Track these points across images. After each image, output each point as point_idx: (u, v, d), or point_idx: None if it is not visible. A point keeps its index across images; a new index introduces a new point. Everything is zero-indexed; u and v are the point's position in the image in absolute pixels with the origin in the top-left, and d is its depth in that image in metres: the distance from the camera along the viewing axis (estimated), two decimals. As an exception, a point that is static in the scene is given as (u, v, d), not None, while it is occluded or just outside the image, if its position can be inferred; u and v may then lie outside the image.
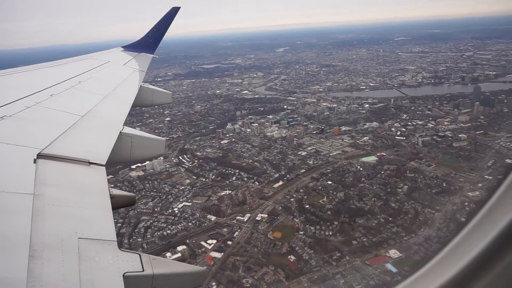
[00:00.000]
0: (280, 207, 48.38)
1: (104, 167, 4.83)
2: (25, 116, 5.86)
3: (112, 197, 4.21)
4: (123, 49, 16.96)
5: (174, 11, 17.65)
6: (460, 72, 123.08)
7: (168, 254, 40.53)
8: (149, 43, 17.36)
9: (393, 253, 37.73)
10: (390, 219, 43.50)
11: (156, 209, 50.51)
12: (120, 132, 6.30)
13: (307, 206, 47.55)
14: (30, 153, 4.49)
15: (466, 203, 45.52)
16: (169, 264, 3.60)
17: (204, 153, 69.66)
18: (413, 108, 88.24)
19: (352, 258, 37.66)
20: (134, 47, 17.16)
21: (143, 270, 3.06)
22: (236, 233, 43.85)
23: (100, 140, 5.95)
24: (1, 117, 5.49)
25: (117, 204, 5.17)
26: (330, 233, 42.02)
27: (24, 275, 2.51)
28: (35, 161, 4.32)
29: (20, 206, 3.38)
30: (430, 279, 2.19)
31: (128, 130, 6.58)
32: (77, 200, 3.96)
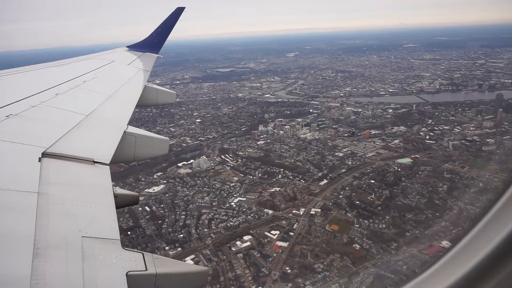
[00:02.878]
0: (331, 203, 52.31)
1: (108, 166, 4.94)
2: (30, 115, 5.93)
3: (116, 196, 4.30)
4: (127, 49, 17.22)
5: (178, 11, 17.87)
6: (476, 79, 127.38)
7: (238, 243, 44.51)
8: (154, 43, 17.56)
9: (446, 244, 41.58)
10: (437, 214, 47.47)
11: (213, 203, 54.43)
12: (124, 132, 6.40)
13: (357, 202, 51.54)
14: (35, 152, 4.53)
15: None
16: (172, 263, 3.62)
17: (246, 153, 73.66)
18: (436, 113, 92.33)
19: (409, 248, 41.59)
20: (139, 47, 17.36)
21: (146, 269, 3.09)
22: (295, 225, 47.73)
23: (104, 139, 6.03)
24: (7, 116, 5.53)
25: (121, 203, 5.25)
26: (384, 226, 45.96)
27: (28, 273, 2.52)
28: (40, 160, 4.35)
29: (25, 205, 3.40)
30: (437, 280, 2.23)
31: (132, 129, 6.68)
32: (81, 199, 3.99)
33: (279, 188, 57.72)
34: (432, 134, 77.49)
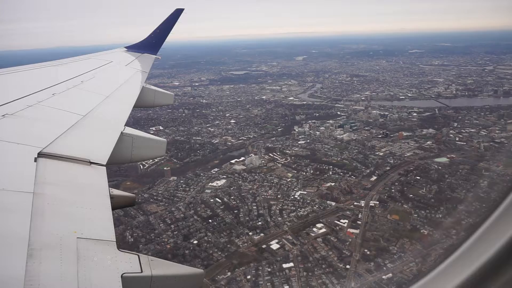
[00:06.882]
0: (385, 196, 58.16)
1: (104, 167, 4.96)
2: (27, 114, 5.92)
3: (112, 197, 4.34)
4: (126, 49, 17.30)
5: (177, 13, 17.97)
6: (489, 85, 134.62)
7: (314, 229, 50.16)
8: (152, 44, 17.68)
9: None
10: (484, 205, 53.49)
11: (278, 196, 60.00)
12: (121, 133, 6.39)
13: (410, 195, 57.49)
14: (31, 152, 4.54)
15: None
16: (167, 265, 3.61)
17: (293, 151, 79.38)
18: (460, 117, 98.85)
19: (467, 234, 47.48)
20: (137, 47, 17.46)
21: (141, 271, 3.09)
22: (360, 215, 53.49)
23: (101, 140, 6.05)
24: (3, 115, 5.53)
25: (117, 205, 5.29)
26: (440, 215, 51.94)
27: (22, 274, 2.51)
28: (35, 160, 4.36)
29: (20, 205, 3.40)
30: (443, 280, 2.23)
31: (129, 130, 6.68)
32: (77, 200, 4.02)
33: (334, 183, 63.49)
34: (461, 136, 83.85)
